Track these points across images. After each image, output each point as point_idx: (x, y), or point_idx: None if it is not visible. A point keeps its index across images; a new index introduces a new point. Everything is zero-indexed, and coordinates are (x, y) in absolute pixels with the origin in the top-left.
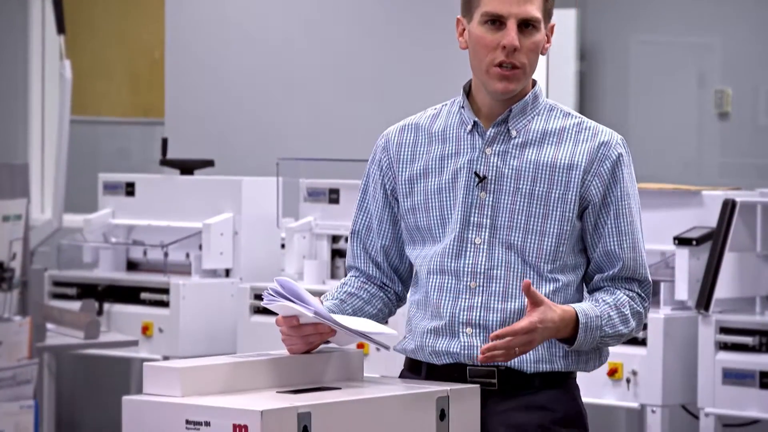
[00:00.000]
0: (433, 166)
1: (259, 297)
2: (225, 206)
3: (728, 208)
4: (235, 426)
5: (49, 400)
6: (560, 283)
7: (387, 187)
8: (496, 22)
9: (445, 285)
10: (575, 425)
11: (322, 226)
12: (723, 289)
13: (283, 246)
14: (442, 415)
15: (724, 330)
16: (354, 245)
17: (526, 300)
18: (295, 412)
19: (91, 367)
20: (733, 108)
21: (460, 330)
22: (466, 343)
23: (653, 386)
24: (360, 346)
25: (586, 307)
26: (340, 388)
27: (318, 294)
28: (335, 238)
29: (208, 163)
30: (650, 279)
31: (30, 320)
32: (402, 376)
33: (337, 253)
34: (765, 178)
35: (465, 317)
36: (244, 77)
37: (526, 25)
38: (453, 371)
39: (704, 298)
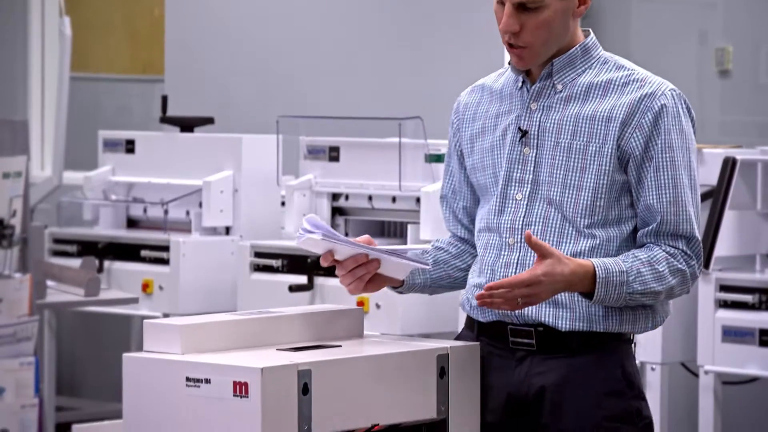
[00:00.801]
0: (489, 125)
1: (259, 255)
2: (225, 164)
3: (729, 166)
4: (235, 383)
5: (49, 357)
6: (599, 240)
7: (458, 148)
8: (501, 3)
9: (490, 242)
10: (617, 389)
11: (322, 184)
12: (723, 247)
13: (283, 204)
14: (442, 373)
15: (723, 288)
16: (443, 209)
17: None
18: (295, 370)
19: (91, 324)
20: (734, 66)
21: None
22: None
23: (653, 344)
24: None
25: (610, 262)
26: (340, 346)
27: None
28: (335, 196)
29: (208, 121)
30: (698, 236)
31: (30, 277)
32: (461, 334)
33: (337, 211)
34: (766, 137)
35: (503, 273)
36: (244, 35)
37: (523, 7)
38: (499, 329)
39: (704, 257)
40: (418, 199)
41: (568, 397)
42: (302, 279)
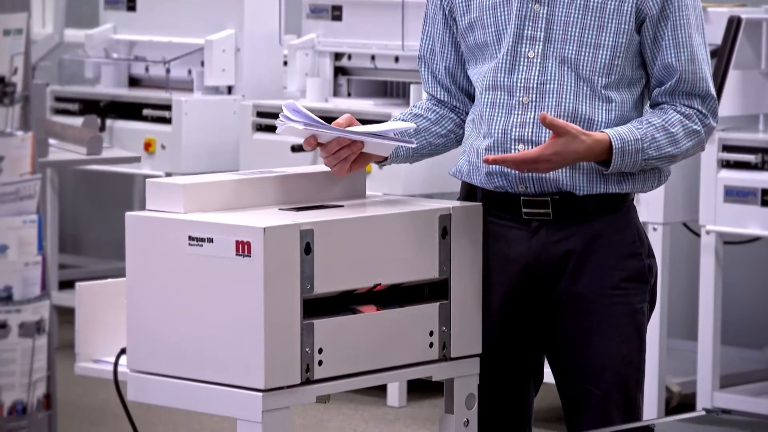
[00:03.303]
0: None
1: (261, 114)
2: (227, 22)
3: (733, 25)
4: (237, 243)
5: (52, 216)
6: (614, 103)
7: (445, 8)
8: None
9: (498, 101)
10: (632, 251)
11: (325, 43)
12: (727, 106)
13: (285, 63)
14: (444, 233)
15: (726, 148)
16: (422, 70)
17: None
18: (297, 229)
19: (93, 182)
20: None
21: (512, 147)
22: None
23: (655, 204)
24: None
25: (624, 131)
26: (342, 206)
27: (318, 112)
28: (338, 56)
29: None
30: (713, 93)
31: (32, 135)
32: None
33: (340, 71)
34: None
35: (517, 134)
36: None
37: None
38: (509, 200)
39: None
40: None
41: (588, 261)
42: None
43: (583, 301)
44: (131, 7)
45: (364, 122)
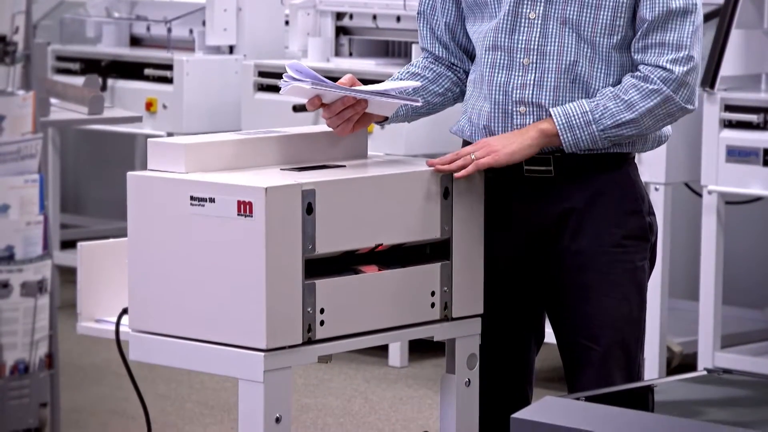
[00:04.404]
0: None
1: (262, 74)
2: None
3: None
4: (239, 203)
5: (54, 175)
6: (615, 65)
7: None
8: None
9: (498, 61)
10: (634, 208)
11: (327, 2)
12: (728, 66)
13: (287, 23)
14: (446, 193)
15: (728, 108)
16: (420, 26)
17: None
18: (299, 189)
19: (95, 142)
20: None
21: (514, 109)
22: (519, 124)
23: (657, 164)
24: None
25: (571, 106)
26: (344, 166)
27: (320, 72)
28: (339, 15)
29: None
30: (686, 43)
31: (33, 94)
32: None
33: (341, 30)
34: None
35: (518, 95)
36: None
37: None
38: None
39: (709, 76)
40: None
41: (590, 218)
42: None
43: (584, 258)
44: None
45: (365, 83)
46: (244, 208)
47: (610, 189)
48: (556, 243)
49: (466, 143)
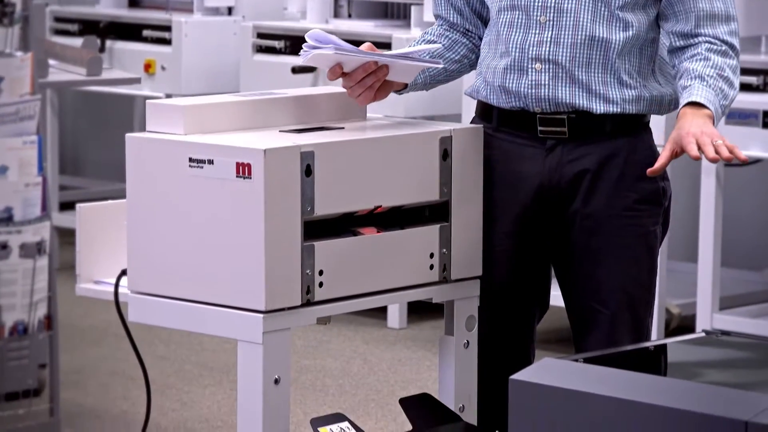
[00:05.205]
0: None
1: (261, 36)
2: None
3: None
4: (238, 164)
5: (52, 137)
6: (630, 24)
7: None
8: None
9: (515, 20)
10: (650, 176)
11: None
12: None
13: None
14: (445, 155)
15: None
16: None
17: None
18: (298, 151)
19: (93, 104)
20: None
21: (529, 66)
22: (534, 81)
23: (657, 126)
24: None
25: (712, 96)
26: (343, 128)
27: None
28: None
29: None
30: (734, 13)
31: (32, 56)
32: (473, 122)
33: None
34: None
35: (534, 52)
36: None
37: None
38: (525, 119)
39: None
40: None
41: (602, 181)
42: None
43: (596, 221)
44: None
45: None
46: (243, 170)
47: (624, 152)
48: (568, 205)
49: (481, 104)
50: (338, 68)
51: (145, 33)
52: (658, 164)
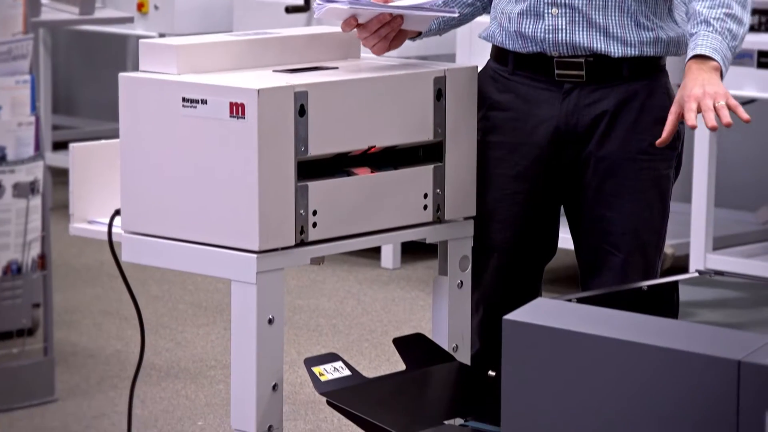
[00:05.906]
0: None
1: None
2: None
3: None
4: (231, 104)
5: (45, 76)
6: None
7: None
8: None
9: None
10: (663, 115)
11: None
12: None
13: None
14: (439, 95)
15: None
16: None
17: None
18: (292, 91)
19: (86, 43)
20: None
21: (545, 11)
22: (551, 26)
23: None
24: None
25: (715, 45)
26: (337, 68)
27: None
28: None
29: None
30: None
31: None
32: (488, 66)
33: None
34: None
35: None
36: None
37: None
38: (542, 62)
39: None
40: None
41: (618, 123)
42: (299, 0)
43: (610, 164)
44: None
45: None
46: (237, 110)
47: (640, 96)
48: (583, 148)
49: (495, 47)
50: (353, 20)
51: None
52: (665, 134)
